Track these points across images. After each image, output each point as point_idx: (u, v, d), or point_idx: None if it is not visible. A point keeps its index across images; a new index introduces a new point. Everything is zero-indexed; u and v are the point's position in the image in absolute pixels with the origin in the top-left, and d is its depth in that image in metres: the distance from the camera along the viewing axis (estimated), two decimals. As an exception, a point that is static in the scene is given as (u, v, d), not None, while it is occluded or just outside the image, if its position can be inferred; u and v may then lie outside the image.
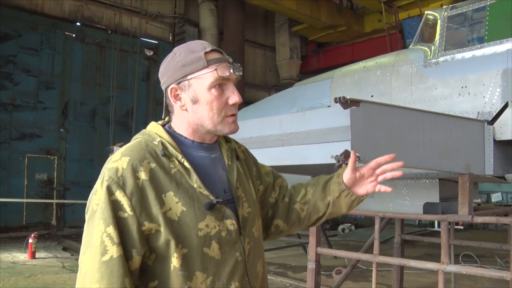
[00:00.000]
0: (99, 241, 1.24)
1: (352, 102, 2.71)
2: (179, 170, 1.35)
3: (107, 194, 1.26)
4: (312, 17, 16.55)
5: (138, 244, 1.27)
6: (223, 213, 1.38)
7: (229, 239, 1.38)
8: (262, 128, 3.47)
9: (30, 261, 8.87)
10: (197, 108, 1.40)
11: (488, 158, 3.78)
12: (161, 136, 1.39)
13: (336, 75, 5.43)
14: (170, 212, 1.29)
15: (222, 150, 1.54)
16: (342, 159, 2.62)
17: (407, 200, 4.46)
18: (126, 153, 1.33)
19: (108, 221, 1.24)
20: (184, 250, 1.30)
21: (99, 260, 1.23)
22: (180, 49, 1.43)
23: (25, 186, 13.14)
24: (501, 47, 4.06)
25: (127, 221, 1.26)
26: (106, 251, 1.23)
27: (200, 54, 1.38)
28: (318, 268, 4.79)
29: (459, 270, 3.89)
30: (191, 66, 1.38)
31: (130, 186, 1.27)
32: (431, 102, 4.37)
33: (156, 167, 1.32)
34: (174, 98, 1.42)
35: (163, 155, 1.35)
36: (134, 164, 1.30)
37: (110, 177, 1.28)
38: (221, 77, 1.37)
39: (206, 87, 1.38)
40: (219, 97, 1.39)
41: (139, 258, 1.27)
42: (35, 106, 13.53)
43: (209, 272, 1.33)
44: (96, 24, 14.79)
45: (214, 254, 1.34)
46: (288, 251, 10.49)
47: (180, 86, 1.40)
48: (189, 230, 1.31)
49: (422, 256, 9.41)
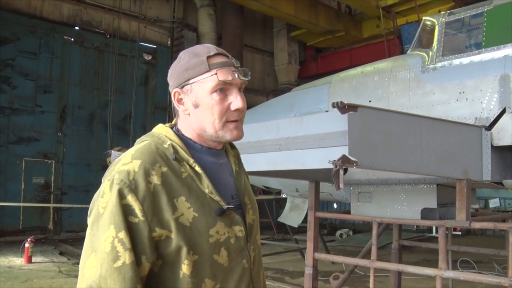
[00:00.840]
0: (110, 246, 1.19)
1: (349, 107, 2.71)
2: (190, 174, 1.32)
3: (118, 197, 1.21)
4: (311, 22, 16.59)
5: (148, 250, 1.23)
6: (232, 219, 1.36)
7: (237, 246, 1.36)
8: (259, 133, 3.46)
9: (27, 266, 8.84)
10: (198, 113, 1.37)
11: (486, 164, 3.77)
12: (172, 139, 1.36)
13: (334, 80, 5.43)
14: (182, 218, 1.26)
15: (229, 156, 1.52)
16: (340, 164, 2.61)
17: (405, 206, 4.45)
18: (137, 156, 1.29)
19: (120, 226, 1.20)
20: (195, 256, 1.27)
21: (110, 267, 1.18)
22: (185, 53, 1.41)
23: (22, 190, 13.12)
24: (498, 53, 4.07)
25: (138, 227, 1.22)
26: (119, 257, 1.18)
27: (202, 58, 1.36)
28: (316, 273, 4.77)
29: (457, 276, 3.88)
30: (194, 70, 1.36)
31: (142, 190, 1.23)
32: (429, 108, 4.37)
33: (167, 171, 1.29)
34: (177, 102, 1.41)
35: (174, 159, 1.31)
36: (146, 168, 1.25)
37: (122, 180, 1.23)
38: (222, 82, 1.34)
39: (208, 92, 1.34)
40: (220, 102, 1.35)
41: (148, 265, 1.24)
42: (33, 110, 13.53)
43: (217, 279, 1.31)
44: (95, 28, 14.81)
45: (223, 261, 1.32)
46: (286, 257, 10.46)
47: (184, 90, 1.38)
48: (201, 237, 1.27)
49: (420, 261, 9.39)
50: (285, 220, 7.88)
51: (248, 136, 3.61)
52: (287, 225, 8.87)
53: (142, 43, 15.25)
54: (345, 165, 2.63)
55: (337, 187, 2.63)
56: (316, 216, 4.77)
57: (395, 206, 4.51)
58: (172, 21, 16.42)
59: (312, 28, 17.26)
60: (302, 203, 7.30)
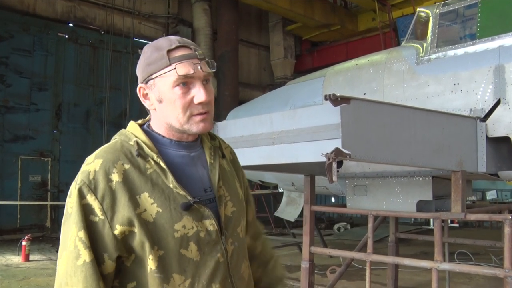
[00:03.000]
0: (73, 245, 1.24)
1: (342, 99, 2.68)
2: (155, 170, 1.32)
3: (79, 197, 1.26)
4: (306, 16, 16.55)
5: (110, 248, 1.26)
6: (202, 213, 1.35)
7: (208, 239, 1.35)
8: (253, 127, 3.43)
9: (24, 264, 8.83)
10: (163, 108, 1.37)
11: (481, 155, 3.76)
12: (137, 136, 1.37)
13: (328, 73, 5.40)
14: (145, 214, 1.27)
15: (205, 148, 1.49)
16: (333, 157, 2.59)
17: (401, 198, 4.45)
18: (100, 155, 1.32)
19: (80, 225, 1.24)
20: (160, 252, 1.27)
21: (74, 265, 1.24)
22: (149, 47, 1.40)
23: (19, 188, 13.08)
24: (493, 44, 4.04)
25: (98, 225, 1.25)
26: (79, 255, 1.23)
27: (163, 53, 1.34)
28: (312, 267, 4.77)
29: (453, 268, 3.87)
30: (155, 64, 1.34)
31: (101, 189, 1.26)
32: (423, 100, 4.35)
33: (130, 168, 1.30)
34: (143, 98, 1.41)
35: (138, 155, 1.32)
36: (107, 167, 1.28)
37: (82, 180, 1.27)
38: (182, 76, 1.32)
39: (170, 86, 1.33)
40: (183, 96, 1.33)
41: (111, 262, 1.27)
42: (28, 107, 13.47)
43: (187, 274, 1.31)
44: (89, 24, 14.73)
45: (193, 256, 1.31)
46: (283, 251, 10.47)
47: (148, 86, 1.38)
48: (165, 232, 1.28)
49: (417, 254, 9.41)
50: (282, 215, 7.87)
51: (241, 130, 3.61)
52: (284, 219, 8.87)
53: (137, 39, 15.15)
54: (338, 158, 2.61)
55: (330, 180, 2.61)
56: (312, 210, 4.76)
57: (391, 199, 4.50)
58: (167, 17, 16.34)
59: (308, 22, 17.23)
60: (299, 197, 7.29)
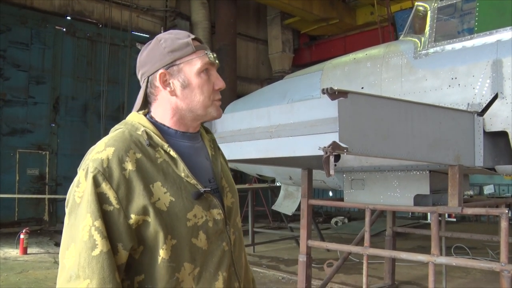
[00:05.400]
0: (87, 235, 1.19)
1: (339, 93, 2.69)
2: (165, 159, 1.33)
3: (93, 186, 1.22)
4: (304, 10, 16.49)
5: (124, 238, 1.23)
6: (209, 202, 1.38)
7: (216, 229, 1.37)
8: (250, 120, 3.44)
9: (22, 257, 8.83)
10: (187, 93, 1.40)
11: (478, 150, 3.77)
12: (145, 125, 1.37)
13: (326, 67, 5.40)
14: (159, 203, 1.26)
15: (204, 140, 1.53)
16: (330, 151, 2.60)
17: (398, 192, 4.46)
18: (111, 144, 1.29)
19: (96, 215, 1.20)
20: (173, 241, 1.28)
21: (88, 255, 1.18)
22: (165, 36, 1.43)
23: (17, 182, 13.08)
24: (490, 38, 4.05)
25: (113, 215, 1.22)
26: (96, 246, 1.19)
27: (188, 40, 1.40)
28: (309, 261, 4.79)
29: (449, 261, 3.89)
30: (181, 51, 1.39)
31: (116, 177, 1.23)
32: (421, 94, 4.35)
33: (142, 157, 1.29)
34: (162, 84, 1.40)
35: (148, 144, 1.32)
36: (120, 155, 1.26)
37: (96, 168, 1.23)
38: (209, 62, 1.41)
39: (196, 72, 1.39)
40: (208, 81, 1.41)
41: (125, 253, 1.24)
42: (26, 101, 13.43)
43: (197, 262, 1.32)
44: (87, 18, 14.65)
45: (202, 245, 1.33)
46: (281, 245, 10.50)
47: (169, 72, 1.39)
48: (178, 221, 1.29)
49: (414, 248, 9.44)
50: (279, 208, 7.89)
51: (239, 124, 3.61)
52: (282, 213, 8.88)
53: (134, 32, 15.11)
54: (335, 151, 2.61)
55: (327, 173, 2.62)
56: (309, 203, 4.77)
57: (388, 193, 4.52)
58: (165, 10, 16.27)
59: (306, 16, 17.17)
60: (296, 191, 7.30)
